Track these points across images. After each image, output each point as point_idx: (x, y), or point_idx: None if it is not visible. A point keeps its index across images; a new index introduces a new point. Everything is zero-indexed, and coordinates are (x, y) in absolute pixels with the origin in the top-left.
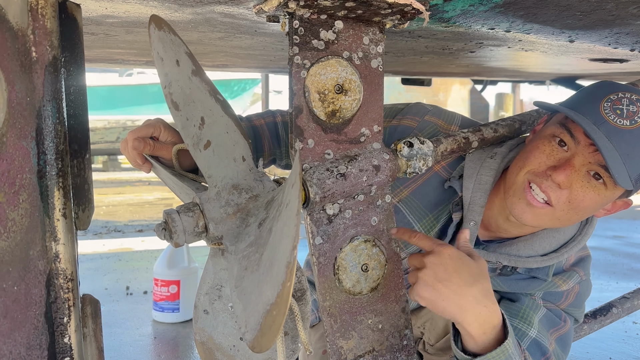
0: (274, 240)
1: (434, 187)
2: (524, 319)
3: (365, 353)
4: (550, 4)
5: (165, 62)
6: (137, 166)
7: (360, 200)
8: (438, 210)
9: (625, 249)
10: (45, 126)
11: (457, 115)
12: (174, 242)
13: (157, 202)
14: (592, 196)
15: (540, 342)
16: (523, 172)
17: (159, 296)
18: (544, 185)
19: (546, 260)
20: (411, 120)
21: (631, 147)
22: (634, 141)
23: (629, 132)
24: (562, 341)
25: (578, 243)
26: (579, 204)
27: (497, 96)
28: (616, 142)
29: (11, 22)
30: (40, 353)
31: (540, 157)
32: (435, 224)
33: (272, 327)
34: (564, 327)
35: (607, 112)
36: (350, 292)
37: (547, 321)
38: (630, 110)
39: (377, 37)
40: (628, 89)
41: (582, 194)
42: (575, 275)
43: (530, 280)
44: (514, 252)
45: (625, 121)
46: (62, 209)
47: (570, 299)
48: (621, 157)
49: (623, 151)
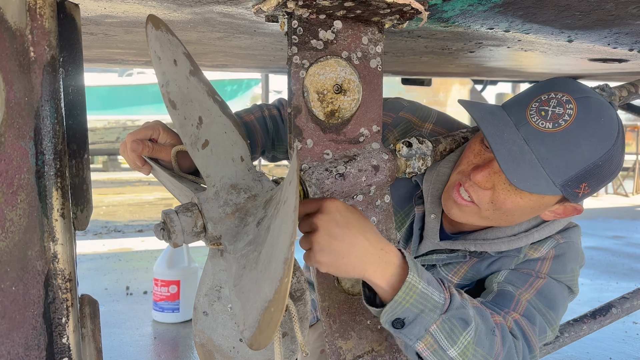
0: (272, 238)
1: (404, 182)
2: (488, 285)
3: (364, 353)
4: (549, 4)
5: (162, 61)
6: (136, 168)
7: (359, 201)
8: (409, 206)
9: (625, 249)
10: (44, 126)
11: (433, 113)
12: (173, 242)
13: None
14: (514, 199)
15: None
16: (456, 171)
17: (159, 296)
18: (467, 184)
19: (515, 240)
20: (386, 116)
21: (551, 152)
22: (556, 145)
23: (550, 135)
24: (541, 295)
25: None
26: (502, 206)
27: (497, 96)
28: (534, 146)
29: (9, 22)
30: (38, 353)
31: (469, 157)
32: (405, 220)
33: (270, 324)
34: (538, 281)
35: (532, 113)
36: (349, 292)
37: (513, 277)
38: (555, 112)
39: (376, 37)
40: (566, 88)
41: (503, 196)
42: (550, 240)
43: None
44: (481, 236)
45: (547, 124)
46: (61, 209)
47: (548, 263)
48: (539, 161)
49: (541, 155)
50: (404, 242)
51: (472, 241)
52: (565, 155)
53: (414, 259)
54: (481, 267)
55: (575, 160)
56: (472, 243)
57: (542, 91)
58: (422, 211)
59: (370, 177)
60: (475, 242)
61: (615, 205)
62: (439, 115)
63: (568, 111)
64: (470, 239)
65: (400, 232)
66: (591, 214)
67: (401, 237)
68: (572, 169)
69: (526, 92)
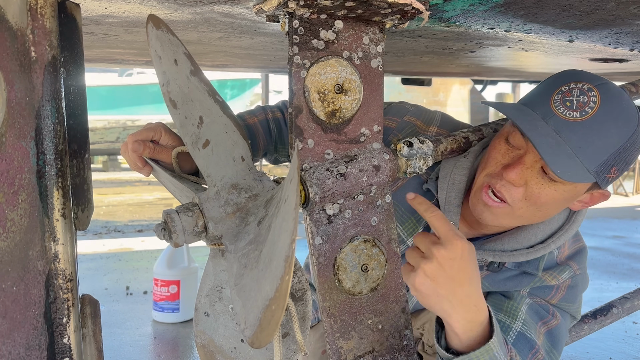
0: (272, 236)
1: (414, 189)
2: (508, 312)
3: (365, 353)
4: (550, 4)
5: (163, 60)
6: (137, 169)
7: (360, 201)
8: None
9: (625, 249)
10: (45, 126)
11: (437, 115)
12: (174, 242)
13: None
14: (549, 192)
15: (527, 335)
16: (483, 174)
17: (159, 296)
18: (499, 185)
19: (532, 252)
20: (390, 121)
21: (583, 139)
22: (586, 132)
23: (580, 123)
24: (551, 336)
25: (566, 232)
26: (537, 201)
27: (497, 96)
28: (566, 136)
29: (10, 21)
30: (39, 353)
31: (497, 157)
32: (417, 226)
33: (271, 322)
34: (553, 321)
35: (557, 105)
36: (350, 292)
37: (533, 313)
38: (580, 101)
39: (377, 36)
40: (582, 78)
41: (537, 190)
42: (568, 270)
43: (520, 277)
44: (499, 247)
45: (575, 113)
46: (62, 209)
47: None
48: (573, 151)
49: (574, 144)
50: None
51: (490, 252)
52: (596, 141)
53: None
54: (496, 279)
55: (606, 145)
56: (490, 254)
57: (561, 83)
58: None
59: (371, 177)
60: (494, 253)
61: (615, 205)
62: (442, 117)
63: (592, 98)
64: (489, 250)
65: (412, 237)
66: (591, 214)
67: (413, 243)
68: (603, 154)
69: (542, 87)
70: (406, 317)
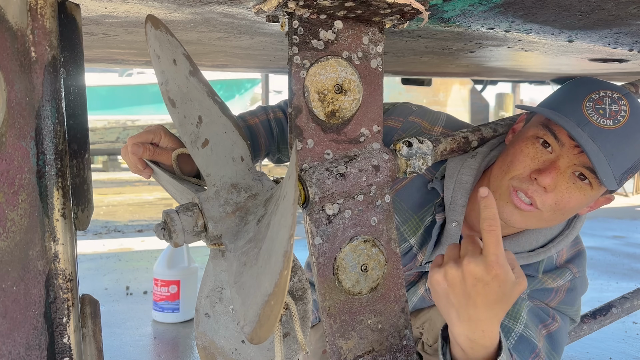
0: (271, 233)
1: (418, 188)
2: (510, 315)
3: (365, 353)
4: (549, 4)
5: (162, 59)
6: (137, 172)
7: (359, 201)
8: (422, 211)
9: (625, 249)
10: (45, 126)
11: (442, 116)
12: (174, 242)
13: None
14: (578, 197)
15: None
16: (508, 177)
17: (158, 296)
18: (530, 190)
19: (533, 256)
20: (395, 121)
21: (615, 147)
22: (618, 141)
23: (613, 132)
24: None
25: (566, 237)
26: (565, 205)
27: (497, 96)
28: (601, 143)
29: (10, 22)
30: (39, 353)
31: (525, 161)
32: (420, 225)
33: (270, 317)
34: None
35: (590, 112)
36: (350, 292)
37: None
38: (612, 109)
39: (377, 37)
40: (608, 86)
41: (567, 195)
42: (567, 273)
43: None
44: None
45: (608, 121)
46: (62, 209)
47: (561, 295)
48: (606, 158)
49: (607, 152)
50: (418, 247)
51: None
52: (626, 149)
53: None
54: None
55: (632, 153)
56: None
57: (588, 90)
58: (443, 218)
59: (370, 177)
60: None
61: (615, 205)
62: (447, 118)
63: (623, 107)
64: None
65: (415, 237)
66: (591, 213)
67: (416, 242)
68: (629, 161)
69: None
70: (406, 317)
